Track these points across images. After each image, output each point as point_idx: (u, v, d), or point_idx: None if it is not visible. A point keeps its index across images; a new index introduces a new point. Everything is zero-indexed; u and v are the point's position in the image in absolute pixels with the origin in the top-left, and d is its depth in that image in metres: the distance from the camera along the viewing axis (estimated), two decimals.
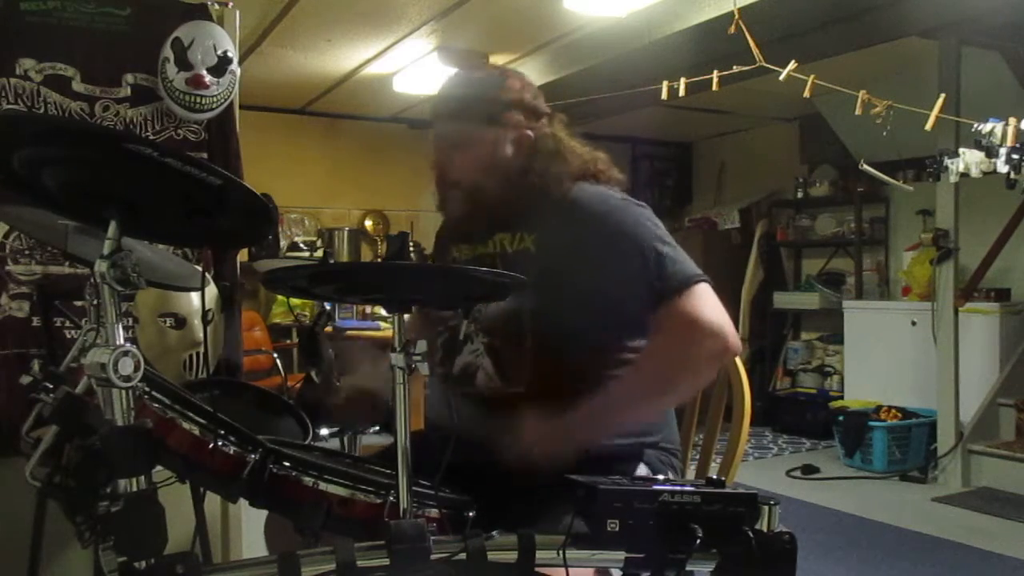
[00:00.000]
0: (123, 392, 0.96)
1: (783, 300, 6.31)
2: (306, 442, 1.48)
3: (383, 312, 3.92)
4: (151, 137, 2.15)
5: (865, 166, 3.58)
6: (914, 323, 5.01)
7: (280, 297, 5.47)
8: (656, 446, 1.50)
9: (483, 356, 1.48)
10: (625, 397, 1.37)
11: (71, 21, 2.09)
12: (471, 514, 1.18)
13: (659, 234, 1.43)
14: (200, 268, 1.92)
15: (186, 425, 1.07)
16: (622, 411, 1.37)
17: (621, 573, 1.11)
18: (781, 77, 3.14)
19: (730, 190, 7.18)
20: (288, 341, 5.67)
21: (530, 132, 1.52)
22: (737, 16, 3.18)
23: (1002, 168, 3.12)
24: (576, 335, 1.41)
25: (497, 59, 4.79)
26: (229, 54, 2.18)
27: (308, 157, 6.14)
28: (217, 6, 2.24)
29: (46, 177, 1.02)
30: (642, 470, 1.47)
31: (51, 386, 1.13)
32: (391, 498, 1.09)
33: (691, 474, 1.68)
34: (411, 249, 5.93)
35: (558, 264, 1.41)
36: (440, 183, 1.56)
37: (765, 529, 1.07)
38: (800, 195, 6.34)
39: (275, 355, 4.97)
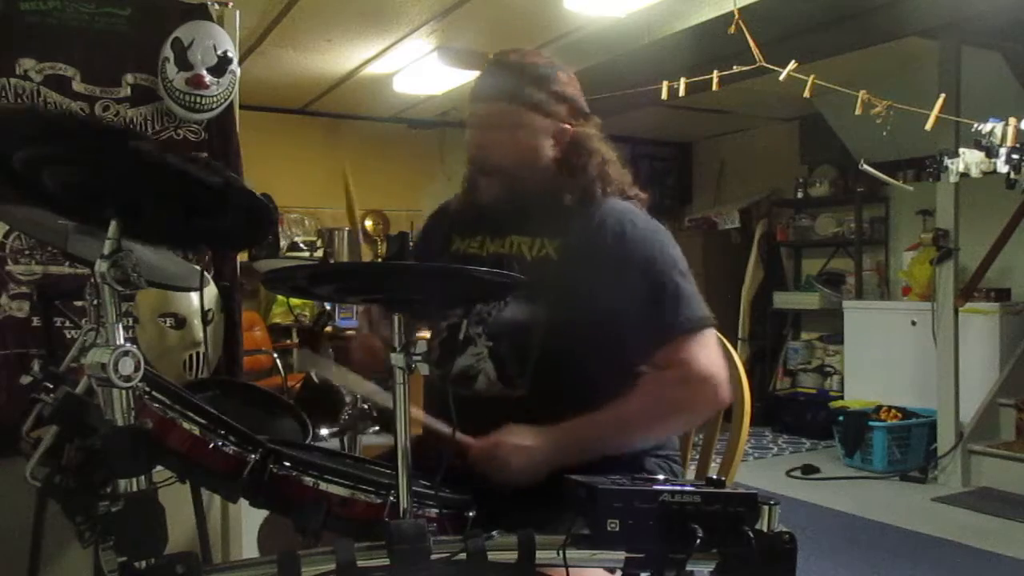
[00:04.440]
0: (123, 392, 0.96)
1: (783, 300, 6.31)
2: (306, 442, 1.48)
3: None
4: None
5: (865, 166, 3.58)
6: (914, 323, 5.01)
7: (280, 297, 5.46)
8: (656, 454, 1.51)
9: (486, 360, 1.47)
10: (610, 427, 1.38)
11: (71, 21, 2.08)
12: (471, 514, 1.18)
13: (678, 265, 1.45)
14: (200, 268, 1.92)
15: (186, 425, 1.07)
16: (605, 440, 1.38)
17: (621, 573, 1.11)
18: (781, 77, 3.14)
19: (730, 190, 7.17)
20: (288, 341, 5.66)
21: (569, 127, 1.51)
22: (737, 16, 3.17)
23: (1002, 168, 3.12)
24: (584, 351, 1.41)
25: None
26: (229, 54, 2.18)
27: (308, 157, 6.14)
28: (217, 6, 2.24)
29: (46, 177, 1.02)
30: None
31: (51, 386, 1.14)
32: (391, 498, 1.09)
33: (691, 474, 1.68)
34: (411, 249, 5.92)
35: (578, 277, 1.41)
36: (475, 166, 1.54)
37: (765, 529, 1.07)
38: (800, 195, 6.34)
39: (275, 355, 4.97)
